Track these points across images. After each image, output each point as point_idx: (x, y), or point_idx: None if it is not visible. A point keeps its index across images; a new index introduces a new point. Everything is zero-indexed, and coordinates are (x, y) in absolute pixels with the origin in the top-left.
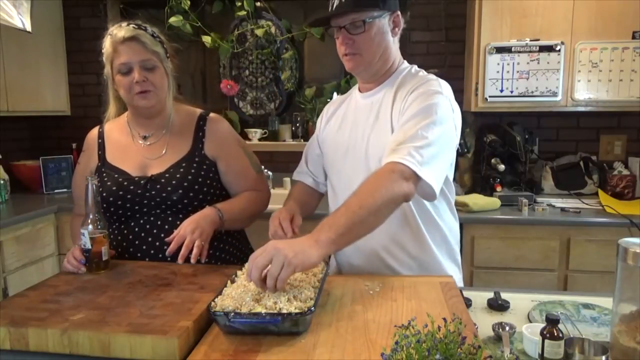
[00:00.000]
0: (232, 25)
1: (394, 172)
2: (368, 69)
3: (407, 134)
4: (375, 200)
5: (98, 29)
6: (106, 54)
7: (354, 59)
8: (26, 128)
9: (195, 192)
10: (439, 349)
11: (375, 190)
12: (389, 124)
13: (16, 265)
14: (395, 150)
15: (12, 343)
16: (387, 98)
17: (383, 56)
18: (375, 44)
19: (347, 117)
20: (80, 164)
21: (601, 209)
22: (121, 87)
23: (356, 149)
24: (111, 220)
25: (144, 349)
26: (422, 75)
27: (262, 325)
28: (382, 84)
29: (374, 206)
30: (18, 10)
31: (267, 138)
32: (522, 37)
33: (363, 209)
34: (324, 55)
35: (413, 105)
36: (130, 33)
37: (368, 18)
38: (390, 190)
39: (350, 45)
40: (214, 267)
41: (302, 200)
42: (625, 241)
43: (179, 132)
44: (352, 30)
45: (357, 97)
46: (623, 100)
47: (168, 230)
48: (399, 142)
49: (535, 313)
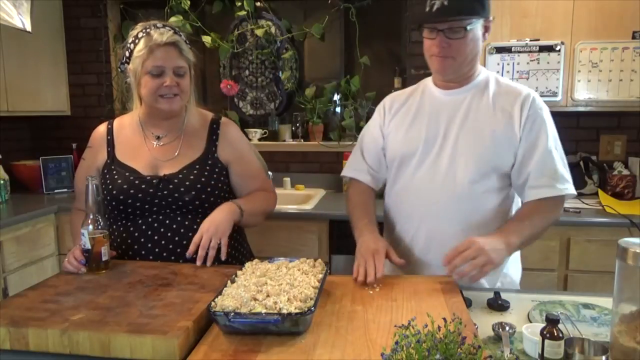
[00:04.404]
0: (232, 25)
1: (559, 204)
2: (456, 71)
3: (555, 159)
4: (545, 223)
5: (98, 28)
6: (139, 53)
7: (445, 61)
8: (26, 128)
9: (207, 194)
10: (439, 349)
11: (548, 214)
12: (486, 127)
13: (16, 265)
14: (556, 180)
15: (12, 343)
16: (478, 102)
17: (473, 60)
18: (469, 49)
19: (423, 110)
20: (86, 160)
21: (601, 209)
22: (147, 87)
23: (437, 143)
24: (118, 217)
25: (144, 349)
26: (522, 88)
27: (262, 325)
28: (466, 85)
29: (542, 228)
30: (18, 10)
31: (267, 138)
32: (522, 37)
33: (536, 228)
34: (324, 55)
35: (542, 128)
36: (171, 39)
37: (469, 25)
38: (555, 216)
39: (445, 49)
40: (214, 267)
41: (374, 214)
42: (625, 241)
43: (193, 134)
44: (451, 35)
45: (434, 93)
46: (623, 100)
47: (175, 230)
48: (554, 170)
49: (535, 313)
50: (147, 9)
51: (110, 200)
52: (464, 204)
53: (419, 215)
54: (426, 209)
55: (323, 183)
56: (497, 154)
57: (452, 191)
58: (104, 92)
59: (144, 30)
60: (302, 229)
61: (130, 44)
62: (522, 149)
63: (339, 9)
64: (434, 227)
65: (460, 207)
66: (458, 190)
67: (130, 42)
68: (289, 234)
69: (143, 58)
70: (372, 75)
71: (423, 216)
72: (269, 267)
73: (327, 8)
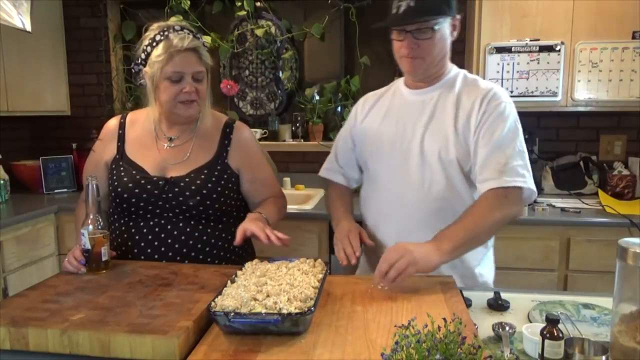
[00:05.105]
0: (232, 25)
1: (506, 197)
2: (426, 71)
3: (506, 152)
4: (489, 220)
5: (98, 28)
6: (157, 58)
7: (415, 62)
8: (26, 128)
9: (213, 201)
10: (439, 349)
11: (490, 211)
12: (449, 125)
13: (16, 265)
14: (504, 172)
15: (12, 343)
16: (445, 100)
17: (442, 60)
18: (438, 49)
19: (392, 110)
20: (96, 152)
21: (601, 209)
22: (166, 93)
23: (406, 143)
24: (121, 215)
25: (144, 349)
26: (486, 84)
27: (262, 325)
28: (435, 84)
29: (487, 225)
30: (18, 10)
31: (267, 138)
32: (522, 37)
33: (478, 227)
34: (324, 55)
35: (496, 122)
36: (191, 44)
37: (436, 25)
38: (502, 212)
39: (414, 50)
40: (214, 267)
41: (349, 204)
42: (625, 241)
43: (205, 137)
44: (419, 35)
45: (404, 93)
46: (623, 100)
47: (176, 237)
48: (503, 162)
49: (535, 313)
50: (147, 9)
51: (115, 197)
52: (434, 205)
53: (390, 215)
54: (397, 209)
55: (323, 183)
56: (460, 152)
57: (421, 191)
58: (104, 92)
59: (161, 32)
60: (302, 229)
61: (147, 46)
62: (475, 143)
63: (339, 9)
64: (405, 226)
65: (430, 207)
66: (426, 190)
67: (147, 44)
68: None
69: (162, 63)
70: (372, 75)
71: (394, 216)
72: (269, 267)
73: (327, 8)
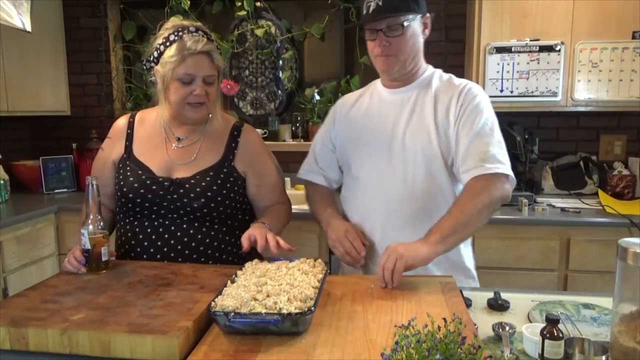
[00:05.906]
0: (232, 25)
1: (490, 182)
2: (401, 69)
3: (486, 141)
4: (476, 205)
5: (98, 28)
6: (170, 59)
7: (388, 60)
8: (26, 128)
9: (217, 203)
10: (439, 349)
11: (476, 196)
12: (430, 121)
13: (16, 265)
14: (485, 160)
15: (12, 343)
16: (423, 98)
17: (416, 57)
18: (410, 46)
19: (372, 110)
20: (104, 150)
21: (601, 209)
22: (176, 94)
23: (386, 141)
24: (127, 214)
25: (144, 349)
26: (460, 81)
27: (262, 325)
28: (411, 84)
29: (475, 210)
30: (18, 10)
31: (267, 138)
32: (522, 37)
33: (465, 213)
34: (324, 55)
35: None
36: (205, 48)
37: (405, 22)
38: (489, 195)
39: (386, 48)
40: (214, 267)
41: (335, 204)
42: (625, 241)
43: (213, 139)
44: (389, 33)
45: (382, 93)
46: (623, 100)
47: (179, 238)
48: (484, 151)
49: (535, 313)
50: (147, 9)
51: (120, 196)
52: (418, 201)
53: (374, 212)
54: (381, 207)
55: None
56: (441, 148)
57: (405, 187)
58: (104, 92)
59: (176, 32)
60: (302, 229)
61: (160, 45)
62: (455, 134)
63: (339, 9)
64: (390, 223)
65: (414, 204)
66: (410, 186)
67: (161, 43)
68: (289, 234)
69: (174, 64)
70: (372, 75)
71: (379, 213)
72: (269, 267)
73: (327, 8)
